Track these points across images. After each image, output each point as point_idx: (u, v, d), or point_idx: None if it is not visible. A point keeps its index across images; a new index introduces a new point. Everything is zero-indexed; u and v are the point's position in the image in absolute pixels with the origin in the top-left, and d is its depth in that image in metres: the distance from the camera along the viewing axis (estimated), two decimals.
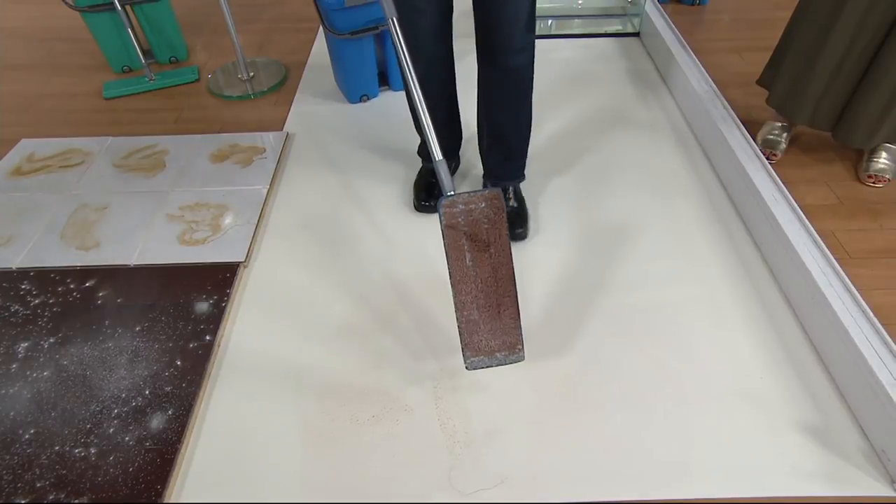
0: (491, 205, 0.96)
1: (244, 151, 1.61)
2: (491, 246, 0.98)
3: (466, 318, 0.99)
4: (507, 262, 0.98)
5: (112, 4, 1.81)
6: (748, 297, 1.22)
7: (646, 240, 1.36)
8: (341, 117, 1.78)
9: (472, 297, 0.99)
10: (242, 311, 1.21)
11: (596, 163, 1.58)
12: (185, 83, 1.95)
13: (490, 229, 0.97)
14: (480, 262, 0.98)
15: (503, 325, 0.99)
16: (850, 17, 1.28)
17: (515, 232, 1.37)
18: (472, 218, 0.97)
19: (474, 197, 0.97)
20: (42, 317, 1.19)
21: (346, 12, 1.58)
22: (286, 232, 1.40)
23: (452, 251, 0.98)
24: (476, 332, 0.99)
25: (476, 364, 1.00)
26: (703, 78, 1.75)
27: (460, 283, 0.98)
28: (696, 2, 2.28)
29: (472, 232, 0.97)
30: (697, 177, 1.53)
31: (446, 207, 0.97)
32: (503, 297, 0.99)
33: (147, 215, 1.41)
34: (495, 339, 1.00)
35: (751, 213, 1.36)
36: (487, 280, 0.98)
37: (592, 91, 1.88)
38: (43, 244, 1.34)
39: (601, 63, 2.02)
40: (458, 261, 0.98)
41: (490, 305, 0.99)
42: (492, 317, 0.99)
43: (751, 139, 1.49)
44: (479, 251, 0.98)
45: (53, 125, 1.78)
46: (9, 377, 1.08)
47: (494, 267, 0.98)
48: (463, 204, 0.97)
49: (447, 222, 0.97)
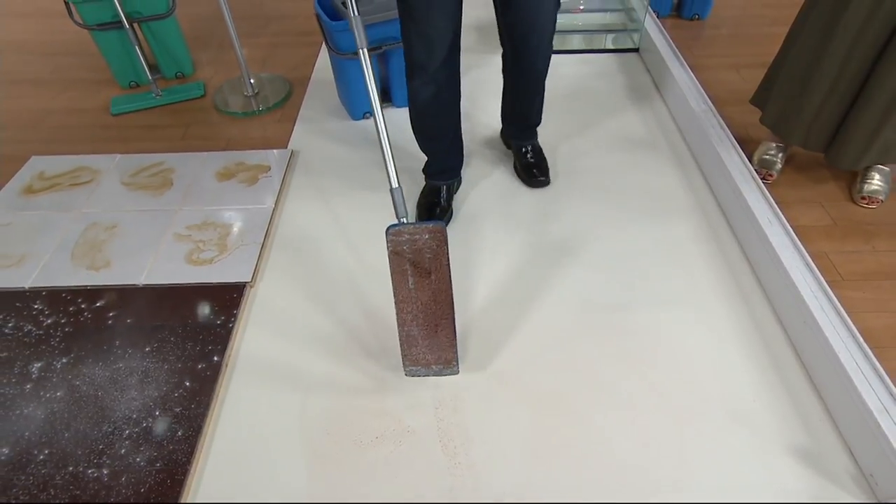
0: (434, 237, 1.04)
1: (250, 170, 1.64)
2: (432, 273, 1.06)
3: (407, 333, 1.10)
4: (446, 289, 1.07)
5: (120, 23, 1.84)
6: (742, 319, 1.25)
7: (642, 259, 1.38)
8: (345, 134, 1.81)
9: (413, 315, 1.09)
10: (249, 332, 1.24)
11: (594, 181, 1.61)
12: (192, 99, 1.98)
13: (432, 259, 1.06)
14: (421, 286, 1.07)
15: (440, 343, 1.11)
16: (842, 40, 1.31)
17: (539, 180, 1.58)
18: (415, 247, 1.05)
19: (419, 228, 1.05)
20: (54, 337, 1.22)
21: (349, 33, 1.60)
22: (291, 252, 1.43)
23: (396, 275, 1.07)
24: (414, 346, 1.11)
25: (414, 372, 1.14)
26: (700, 96, 1.77)
27: (402, 303, 1.09)
28: (694, 16, 2.31)
29: (416, 259, 1.06)
30: (694, 197, 1.56)
31: (392, 235, 1.05)
32: (441, 318, 1.09)
33: (155, 234, 1.45)
34: (432, 353, 1.12)
35: (746, 235, 1.39)
36: (427, 303, 1.08)
37: (591, 108, 1.90)
38: (54, 264, 1.38)
39: (600, 79, 2.04)
40: (402, 283, 1.07)
41: (429, 325, 1.09)
42: (429, 335, 1.10)
43: (746, 160, 1.52)
44: (420, 276, 1.06)
45: (62, 142, 1.81)
46: (23, 397, 1.11)
47: (434, 292, 1.07)
48: (408, 234, 1.05)
49: (392, 249, 1.05)
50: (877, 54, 1.30)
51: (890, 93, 1.30)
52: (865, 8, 1.24)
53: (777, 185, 1.54)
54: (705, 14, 2.31)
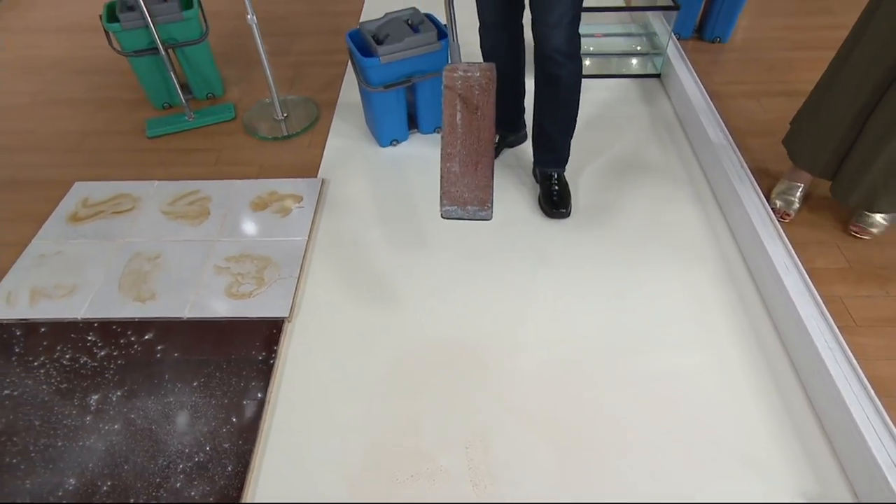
0: (484, 74, 1.13)
1: (282, 200, 1.69)
2: (479, 109, 1.13)
3: (448, 169, 1.15)
4: (489, 127, 1.14)
5: (156, 49, 1.88)
6: (757, 365, 1.29)
7: (660, 301, 1.43)
8: (373, 161, 1.86)
9: (457, 150, 1.14)
10: (289, 368, 1.31)
11: (613, 217, 1.65)
12: (223, 122, 2.03)
13: (480, 95, 1.13)
14: (467, 122, 1.14)
15: (477, 181, 1.14)
16: (854, 69, 1.34)
17: (559, 211, 1.63)
18: (467, 84, 1.13)
19: (472, 66, 1.14)
20: (108, 369, 1.30)
21: (380, 68, 1.64)
22: (326, 286, 1.49)
23: (447, 108, 1.14)
24: (454, 184, 1.15)
25: (449, 213, 1.16)
26: (719, 128, 1.79)
27: (449, 136, 1.14)
28: (716, 39, 2.31)
29: (466, 95, 1.13)
30: (713, 235, 1.59)
31: (448, 71, 1.14)
32: (482, 156, 1.14)
33: (196, 266, 1.51)
34: (469, 192, 1.14)
35: (763, 279, 1.43)
36: (471, 139, 1.14)
37: (612, 136, 1.93)
38: (104, 294, 1.45)
39: (621, 106, 2.06)
40: (451, 117, 1.14)
41: (470, 161, 1.14)
42: (469, 171, 1.14)
43: (765, 200, 1.55)
44: (468, 112, 1.13)
45: (103, 165, 1.87)
46: (84, 429, 1.19)
47: (479, 129, 1.13)
48: (462, 70, 1.14)
49: (446, 83, 1.14)
50: (883, 91, 1.32)
51: (878, 133, 1.33)
52: (879, 40, 1.27)
53: (794, 224, 1.57)
54: (727, 37, 2.30)
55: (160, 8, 1.85)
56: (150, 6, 1.82)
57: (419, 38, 1.64)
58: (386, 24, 1.72)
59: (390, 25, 1.71)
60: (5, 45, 2.50)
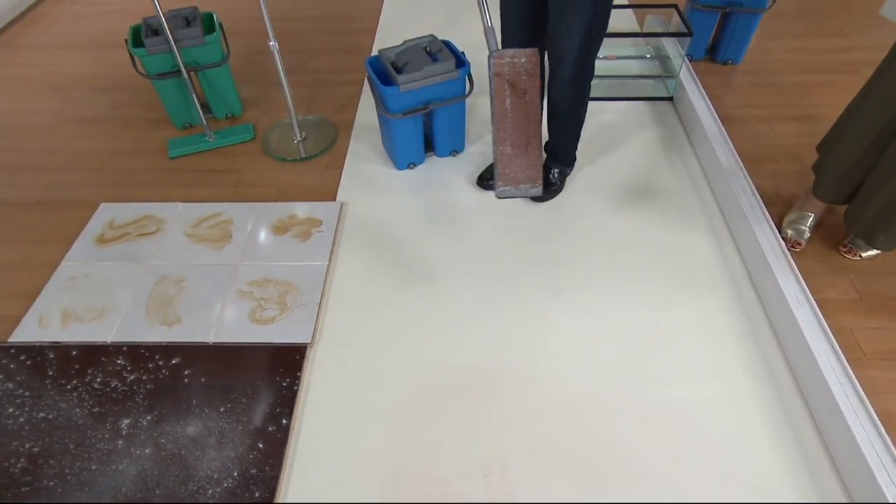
0: (530, 59, 1.19)
1: (302, 224, 1.73)
2: (527, 93, 1.20)
3: (502, 152, 1.23)
4: (536, 109, 1.21)
5: (179, 71, 1.93)
6: (769, 397, 1.32)
7: (672, 331, 1.46)
8: (390, 185, 1.90)
9: (508, 134, 1.21)
10: (312, 395, 1.35)
11: (624, 243, 1.68)
12: (242, 142, 2.08)
13: (527, 79, 1.19)
14: (516, 105, 1.20)
15: (529, 161, 1.23)
16: (876, 102, 1.37)
17: (539, 196, 1.72)
18: (515, 69, 1.18)
19: (518, 52, 1.19)
20: (138, 393, 1.34)
21: (399, 96, 1.68)
22: (347, 311, 1.53)
23: (497, 94, 1.20)
24: (508, 165, 1.24)
25: (504, 193, 1.26)
26: (731, 155, 1.82)
27: (500, 122, 1.21)
28: (728, 61, 2.33)
29: (514, 80, 1.19)
30: (725, 264, 1.62)
31: (495, 58, 1.19)
32: (532, 137, 1.22)
33: (220, 290, 1.56)
34: (522, 172, 1.23)
35: (774, 310, 1.46)
36: (521, 121, 1.21)
37: (623, 160, 1.96)
38: (131, 318, 1.50)
39: (633, 129, 2.09)
40: (501, 102, 1.20)
41: (521, 143, 1.21)
42: (521, 153, 1.22)
43: (776, 230, 1.57)
44: (517, 96, 1.20)
45: (126, 186, 1.92)
46: (117, 453, 1.24)
47: (527, 111, 1.20)
48: (509, 57, 1.19)
49: (495, 70, 1.19)
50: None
51: (887, 167, 1.37)
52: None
53: (805, 253, 1.60)
54: (739, 59, 2.32)
55: (184, 33, 1.90)
56: (174, 31, 1.87)
57: (438, 67, 1.68)
58: (405, 51, 1.75)
59: (409, 53, 1.74)
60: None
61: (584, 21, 1.38)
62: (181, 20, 1.97)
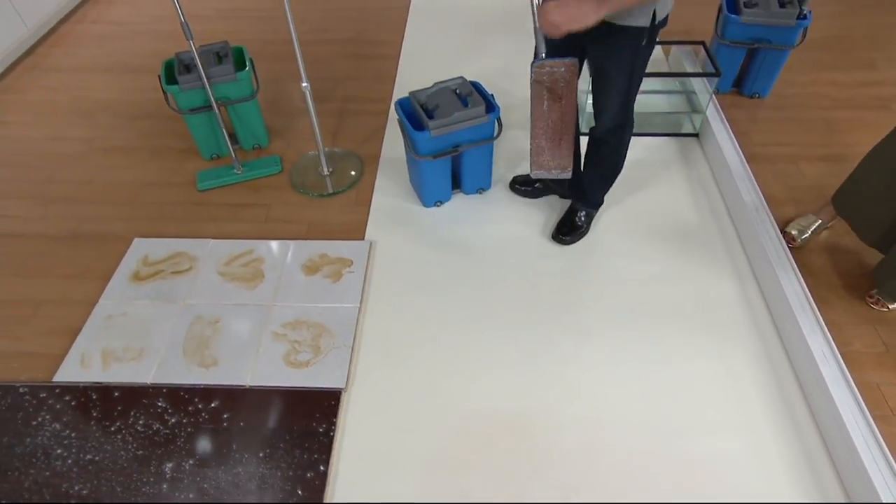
0: (568, 69, 1.37)
1: (333, 263, 1.82)
2: (563, 99, 1.40)
3: (537, 144, 1.48)
4: (572, 112, 1.42)
5: (210, 106, 2.03)
6: (794, 452, 1.40)
7: (697, 381, 1.53)
8: (418, 222, 1.98)
9: (543, 131, 1.45)
10: (347, 441, 1.44)
11: (648, 290, 1.75)
12: (270, 175, 2.17)
13: (565, 87, 1.39)
14: (552, 108, 1.42)
15: (561, 152, 1.48)
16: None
17: (562, 238, 1.88)
18: (553, 77, 1.38)
19: (557, 62, 1.36)
20: (180, 437, 1.44)
21: (429, 141, 1.76)
22: (379, 355, 1.61)
23: (535, 99, 1.41)
24: (541, 155, 1.49)
25: (538, 175, 1.54)
26: (758, 199, 1.89)
27: (537, 121, 1.44)
28: (754, 95, 2.39)
29: (552, 87, 1.39)
30: (750, 312, 1.69)
31: (536, 68, 1.38)
32: (564, 134, 1.45)
33: (254, 331, 1.65)
34: (554, 160, 1.49)
35: (801, 364, 1.52)
36: (556, 121, 1.43)
37: (648, 200, 2.03)
38: (169, 359, 1.59)
39: (658, 167, 2.16)
40: (539, 105, 1.42)
41: (554, 138, 1.45)
42: (554, 146, 1.47)
43: (802, 280, 1.64)
44: (553, 101, 1.41)
45: (158, 220, 2.02)
46: (162, 497, 1.33)
47: (563, 113, 1.42)
48: (549, 66, 1.37)
49: (535, 78, 1.39)
50: None
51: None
52: None
53: (832, 305, 1.66)
54: (766, 92, 2.39)
55: (216, 70, 2.00)
56: (206, 68, 1.96)
57: (468, 112, 1.76)
58: (435, 93, 1.84)
59: (439, 96, 1.82)
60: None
61: (622, 85, 1.49)
62: (213, 56, 2.07)
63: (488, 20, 3.05)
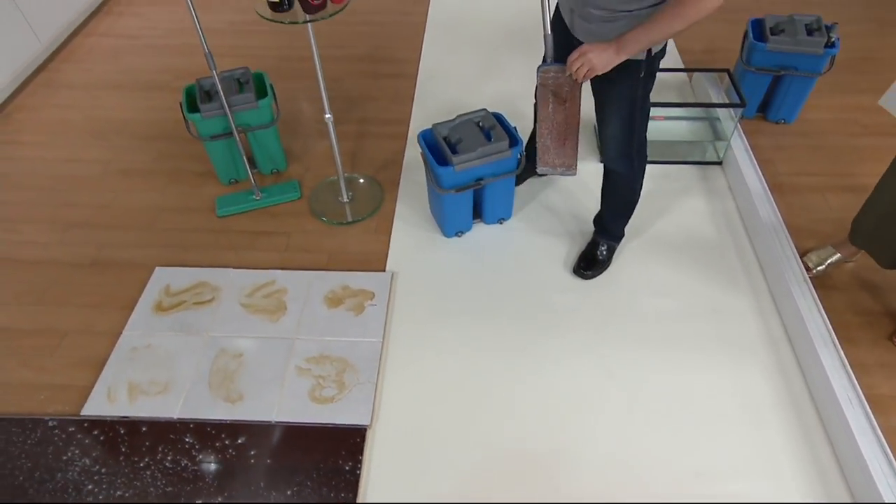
0: (573, 76, 1.49)
1: (355, 296, 1.92)
2: (567, 102, 1.55)
3: (542, 143, 1.64)
4: (575, 114, 1.56)
5: (231, 133, 2.12)
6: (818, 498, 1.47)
7: (720, 421, 1.62)
8: (439, 253, 2.08)
9: (548, 131, 1.61)
10: (373, 479, 1.53)
11: (673, 325, 1.83)
12: (289, 202, 2.27)
13: (569, 91, 1.54)
14: (557, 111, 1.57)
15: (565, 151, 1.63)
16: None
17: (584, 272, 1.98)
18: (558, 82, 1.53)
19: (562, 67, 1.50)
20: (208, 474, 1.53)
21: (453, 175, 1.85)
22: (403, 390, 1.70)
23: (540, 101, 1.57)
24: (547, 153, 1.65)
25: (544, 171, 1.70)
26: (783, 233, 1.96)
27: (542, 122, 1.60)
28: (780, 121, 2.46)
29: (556, 91, 1.54)
30: (776, 354, 1.77)
31: (542, 73, 1.54)
32: (568, 135, 1.59)
33: (279, 366, 1.74)
34: (559, 159, 1.65)
35: (825, 408, 1.60)
36: (560, 122, 1.58)
37: (670, 232, 2.12)
38: (195, 393, 1.69)
39: (680, 197, 2.24)
40: (544, 108, 1.57)
41: (559, 138, 1.61)
42: (559, 146, 1.62)
43: (829, 324, 1.71)
44: (558, 104, 1.56)
45: (178, 247, 2.12)
46: None
47: (567, 116, 1.57)
48: (553, 72, 1.52)
49: (540, 82, 1.55)
50: None
51: None
52: None
53: (858, 345, 1.74)
54: (792, 118, 2.46)
55: (238, 98, 2.09)
56: (228, 96, 2.06)
57: (492, 147, 1.84)
58: (457, 126, 1.93)
59: (462, 129, 1.91)
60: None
61: (624, 113, 1.62)
62: (234, 83, 2.16)
63: (506, 32, 3.16)
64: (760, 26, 2.35)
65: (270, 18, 1.60)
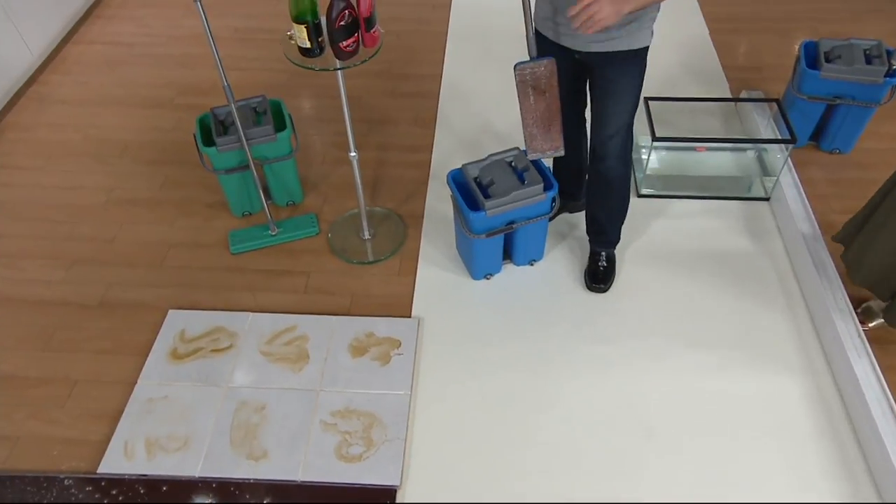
0: (548, 68, 1.78)
1: (381, 344, 2.07)
2: (546, 93, 1.82)
3: (529, 132, 1.90)
4: (555, 102, 1.84)
5: (247, 166, 2.29)
6: None
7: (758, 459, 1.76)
8: (467, 297, 2.23)
9: (533, 121, 1.88)
10: None
11: (712, 389, 1.98)
12: (307, 237, 2.43)
13: (546, 82, 1.81)
14: (538, 101, 1.84)
15: (551, 136, 1.90)
16: None
17: (598, 286, 2.24)
18: (535, 76, 1.80)
19: (538, 63, 1.78)
20: None
21: (484, 220, 2.00)
22: (433, 447, 1.85)
23: (521, 95, 1.83)
24: (534, 140, 1.91)
25: (534, 157, 1.95)
26: (836, 280, 2.10)
27: (526, 113, 1.86)
28: (835, 150, 2.60)
29: (535, 84, 1.81)
30: (828, 417, 1.91)
31: (519, 70, 1.79)
32: (552, 121, 1.87)
33: (303, 420, 1.90)
34: (546, 143, 1.92)
35: (883, 481, 1.75)
36: (543, 111, 1.86)
37: (711, 274, 2.26)
38: (216, 450, 1.85)
39: (722, 237, 2.38)
40: (525, 100, 1.84)
41: (543, 125, 1.89)
42: (544, 132, 1.90)
43: (884, 380, 1.85)
44: (538, 95, 1.83)
45: (190, 287, 2.28)
46: None
47: (547, 105, 1.84)
48: (530, 68, 1.79)
49: (519, 79, 1.80)
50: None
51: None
52: None
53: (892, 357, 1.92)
54: (848, 148, 2.60)
55: (256, 131, 2.25)
56: (245, 128, 2.22)
57: (526, 192, 2.00)
58: (489, 166, 2.08)
59: (494, 169, 2.07)
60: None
61: (631, 100, 1.90)
62: (250, 112, 2.33)
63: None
64: (814, 51, 2.48)
65: (300, 64, 1.76)
